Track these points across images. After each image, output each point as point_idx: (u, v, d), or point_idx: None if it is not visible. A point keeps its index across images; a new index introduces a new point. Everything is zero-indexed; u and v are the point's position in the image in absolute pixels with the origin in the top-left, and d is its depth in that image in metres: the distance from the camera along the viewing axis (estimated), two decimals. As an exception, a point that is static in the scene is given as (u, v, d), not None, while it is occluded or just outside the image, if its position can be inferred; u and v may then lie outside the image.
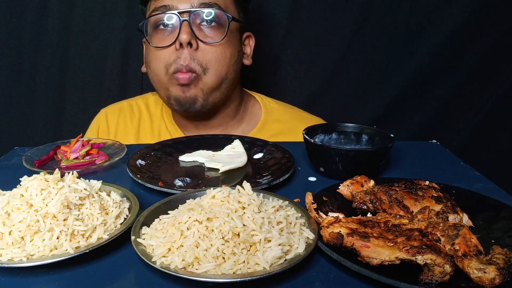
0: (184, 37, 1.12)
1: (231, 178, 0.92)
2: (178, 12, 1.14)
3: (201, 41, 1.15)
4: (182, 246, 0.59)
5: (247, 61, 1.32)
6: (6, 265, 0.58)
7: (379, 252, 0.57)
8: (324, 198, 0.77)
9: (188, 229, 0.61)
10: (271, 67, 1.64)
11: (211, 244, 0.58)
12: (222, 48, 1.18)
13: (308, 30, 1.61)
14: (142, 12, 1.31)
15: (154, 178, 0.89)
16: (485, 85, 1.69)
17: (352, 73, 1.66)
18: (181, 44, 1.14)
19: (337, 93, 1.68)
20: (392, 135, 0.94)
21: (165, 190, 0.82)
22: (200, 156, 1.01)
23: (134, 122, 1.38)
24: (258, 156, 1.04)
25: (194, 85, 1.17)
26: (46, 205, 0.64)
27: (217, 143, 1.09)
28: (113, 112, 1.40)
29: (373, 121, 1.67)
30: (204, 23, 1.16)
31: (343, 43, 1.62)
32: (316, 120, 1.38)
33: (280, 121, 1.35)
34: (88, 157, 1.01)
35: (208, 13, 1.15)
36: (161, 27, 1.18)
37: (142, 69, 1.36)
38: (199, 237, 0.59)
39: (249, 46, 1.33)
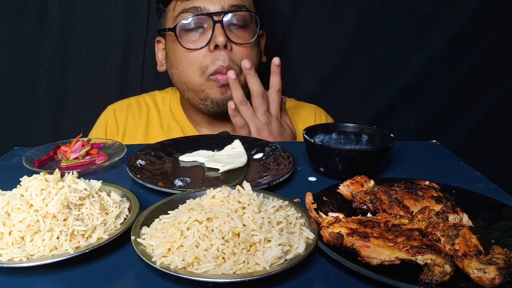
0: (221, 39, 1.14)
1: (231, 178, 0.92)
2: (210, 14, 1.16)
3: (234, 42, 1.18)
4: (182, 246, 0.59)
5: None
6: (6, 265, 0.58)
7: (379, 252, 0.57)
8: (324, 198, 0.77)
9: (188, 229, 0.61)
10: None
11: (211, 244, 0.58)
12: (251, 47, 1.22)
13: (308, 30, 1.61)
14: (158, 11, 1.30)
15: (154, 178, 0.89)
16: (485, 85, 1.69)
17: (352, 73, 1.66)
18: (216, 46, 1.16)
19: (337, 93, 1.68)
20: (392, 135, 0.94)
21: (165, 190, 0.82)
22: (200, 156, 1.01)
23: (142, 118, 1.39)
24: (258, 156, 1.04)
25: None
26: (46, 205, 0.64)
27: (217, 143, 1.09)
28: (121, 108, 1.41)
29: (373, 121, 1.67)
30: (233, 25, 1.19)
31: (343, 43, 1.62)
32: (310, 107, 1.45)
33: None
34: (88, 157, 1.01)
35: (239, 15, 1.18)
36: (190, 28, 1.19)
37: (159, 68, 1.37)
38: (199, 237, 0.59)
39: (262, 44, 1.36)
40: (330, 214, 0.69)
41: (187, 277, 0.55)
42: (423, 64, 1.64)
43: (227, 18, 1.17)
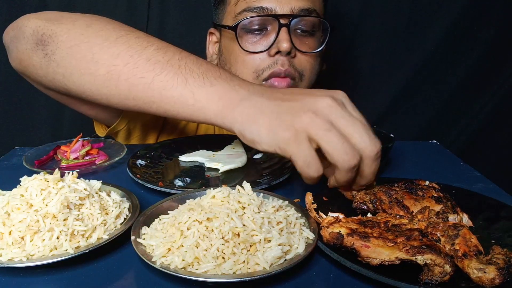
0: (286, 45, 1.03)
1: (231, 178, 0.92)
2: (277, 16, 1.04)
3: (299, 50, 1.07)
4: (182, 246, 0.59)
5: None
6: (6, 265, 0.58)
7: (379, 252, 0.57)
8: (324, 198, 0.77)
9: (188, 229, 0.61)
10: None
11: (211, 244, 0.58)
12: (316, 56, 1.12)
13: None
14: (216, 1, 1.20)
15: (154, 178, 0.89)
16: (485, 86, 1.69)
17: (351, 74, 1.66)
18: (277, 51, 1.06)
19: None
20: (392, 135, 0.94)
21: (165, 190, 0.82)
22: (200, 156, 1.01)
23: None
24: (258, 156, 1.04)
25: None
26: (46, 205, 0.64)
27: (217, 143, 1.09)
28: None
29: (373, 121, 1.67)
30: (300, 31, 1.08)
31: (343, 43, 1.62)
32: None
33: None
34: (88, 157, 1.01)
35: (309, 20, 1.07)
36: (252, 28, 1.08)
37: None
38: (199, 237, 0.59)
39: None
40: (330, 214, 0.69)
41: (187, 277, 0.55)
42: (423, 64, 1.64)
43: (294, 22, 1.05)
